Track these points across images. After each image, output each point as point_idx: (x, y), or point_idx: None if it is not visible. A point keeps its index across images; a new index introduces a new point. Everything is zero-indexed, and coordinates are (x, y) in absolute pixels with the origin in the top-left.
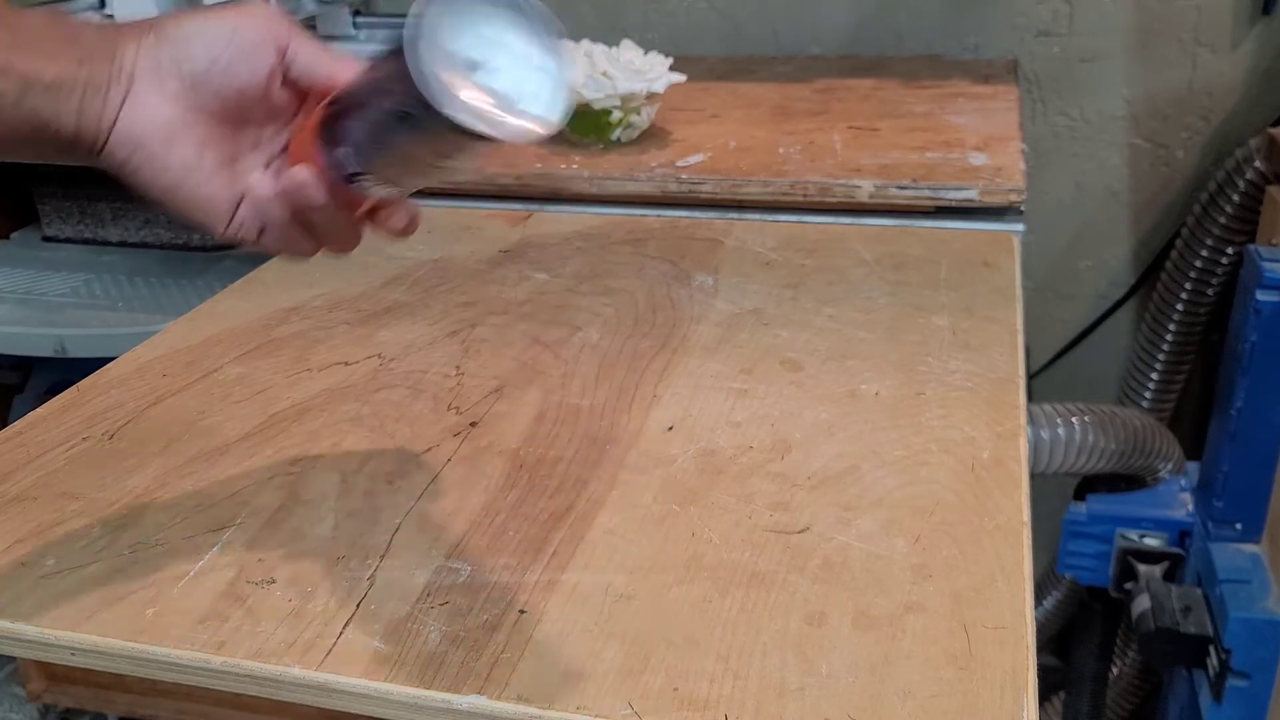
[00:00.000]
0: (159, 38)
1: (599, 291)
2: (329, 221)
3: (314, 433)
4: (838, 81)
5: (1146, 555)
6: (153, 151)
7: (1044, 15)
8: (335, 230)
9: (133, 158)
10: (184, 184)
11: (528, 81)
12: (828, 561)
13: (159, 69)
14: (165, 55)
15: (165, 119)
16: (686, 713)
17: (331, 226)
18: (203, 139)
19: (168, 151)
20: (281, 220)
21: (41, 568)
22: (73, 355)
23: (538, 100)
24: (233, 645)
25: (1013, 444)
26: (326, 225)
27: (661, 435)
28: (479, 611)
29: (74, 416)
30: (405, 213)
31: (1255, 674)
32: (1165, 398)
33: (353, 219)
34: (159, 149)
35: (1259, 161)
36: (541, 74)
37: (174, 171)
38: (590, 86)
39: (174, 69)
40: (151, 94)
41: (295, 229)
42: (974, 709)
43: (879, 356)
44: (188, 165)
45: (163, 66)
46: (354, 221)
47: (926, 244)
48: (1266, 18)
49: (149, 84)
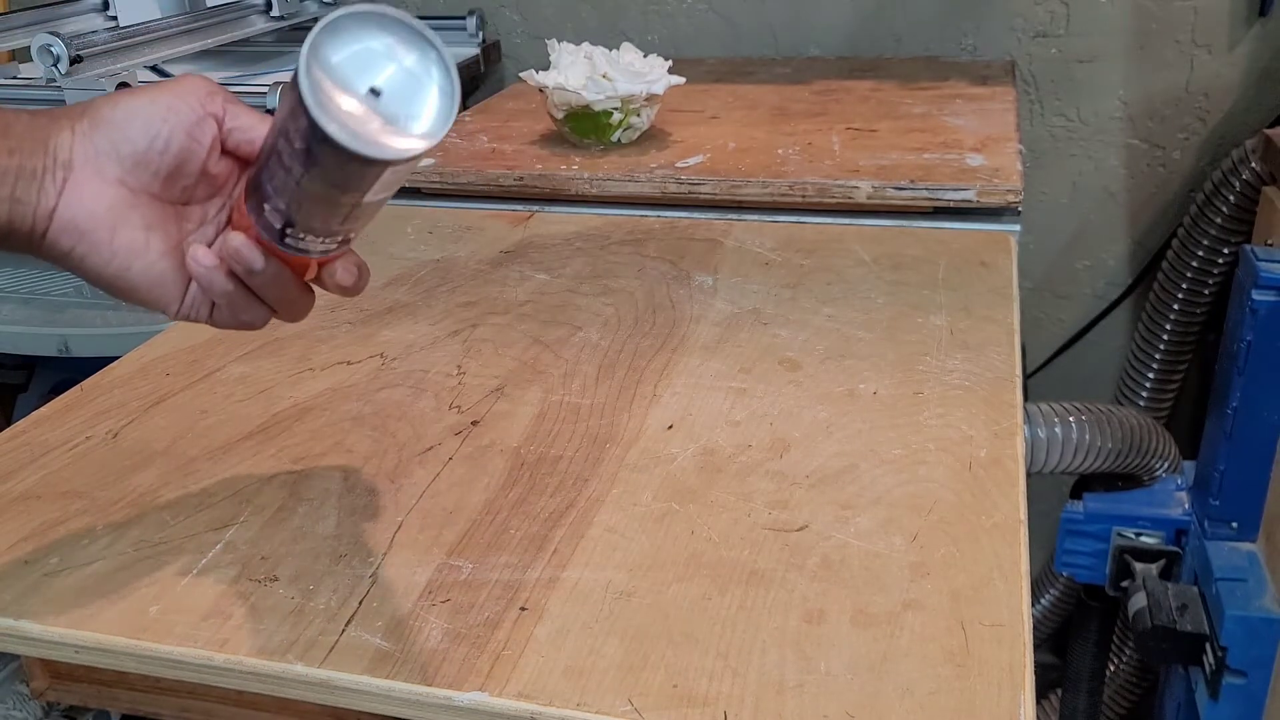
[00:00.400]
0: (94, 122)
1: (599, 291)
2: (273, 286)
3: (316, 432)
4: (836, 83)
5: (1143, 553)
6: (97, 239)
7: (1041, 17)
8: (282, 295)
9: (77, 246)
10: (132, 268)
11: (415, 100)
12: (826, 559)
13: (97, 154)
14: (102, 140)
15: (108, 204)
16: (686, 709)
17: (277, 291)
18: (147, 221)
19: (113, 238)
20: (225, 291)
21: (45, 566)
22: (76, 355)
23: (425, 117)
24: (235, 643)
25: (1010, 443)
26: (272, 290)
27: (661, 434)
28: (480, 609)
29: (77, 416)
30: (349, 267)
31: (1251, 671)
32: (1162, 397)
33: (299, 282)
34: (104, 235)
35: (1255, 162)
36: (428, 90)
37: (121, 257)
38: (590, 88)
39: (112, 153)
40: (91, 180)
41: (242, 298)
42: (972, 706)
43: (877, 356)
44: (134, 249)
45: (100, 151)
46: (300, 284)
47: (924, 244)
48: (1263, 19)
49: (88, 171)
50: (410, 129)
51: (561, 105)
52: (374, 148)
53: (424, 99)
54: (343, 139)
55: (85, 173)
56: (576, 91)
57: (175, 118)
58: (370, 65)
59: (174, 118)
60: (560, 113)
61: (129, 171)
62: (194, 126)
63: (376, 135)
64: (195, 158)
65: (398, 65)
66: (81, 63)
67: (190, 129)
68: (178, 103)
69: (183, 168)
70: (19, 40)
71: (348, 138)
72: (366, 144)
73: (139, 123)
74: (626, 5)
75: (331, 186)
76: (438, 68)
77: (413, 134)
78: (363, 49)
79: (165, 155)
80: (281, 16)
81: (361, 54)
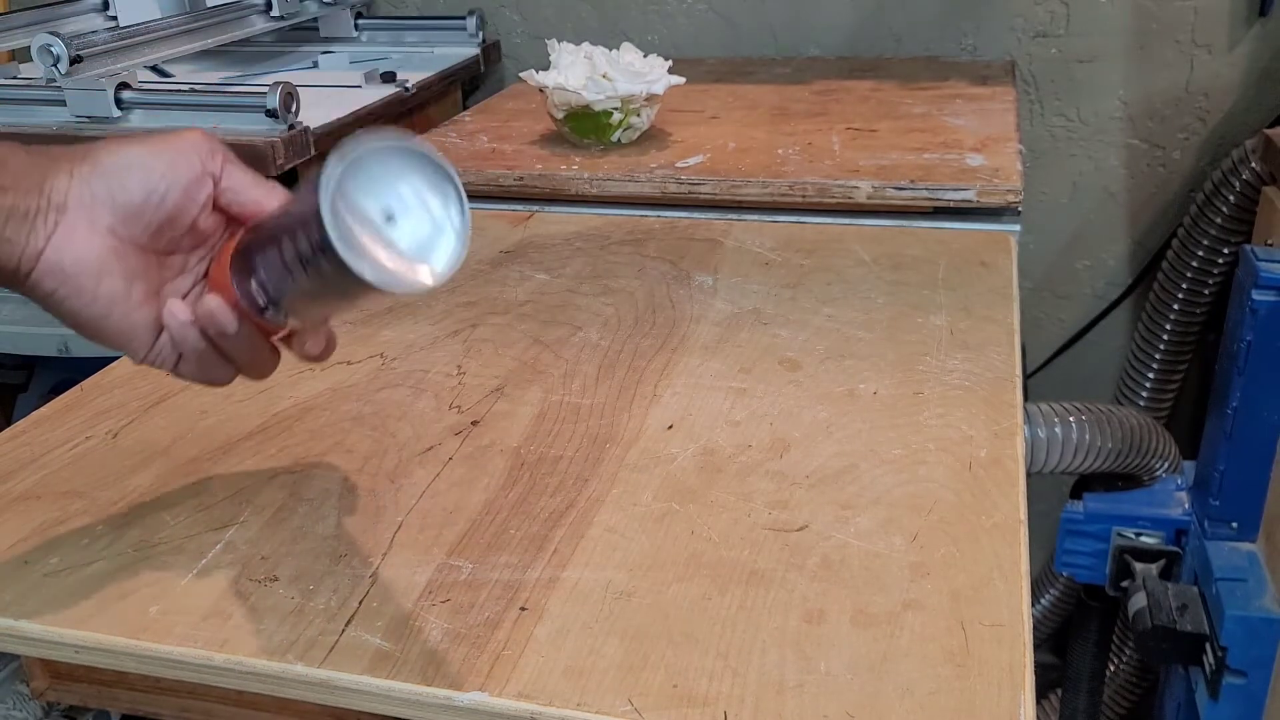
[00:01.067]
0: (93, 169)
1: (599, 291)
2: (243, 348)
3: (316, 432)
4: (836, 83)
5: (1143, 553)
6: (81, 285)
7: (1041, 17)
8: (250, 356)
9: (59, 290)
10: (110, 315)
11: (429, 235)
12: (826, 559)
13: (93, 201)
14: (100, 187)
15: (96, 253)
16: (686, 709)
17: (246, 353)
18: (132, 270)
19: (97, 285)
20: (195, 347)
21: (45, 566)
22: (76, 355)
23: (436, 253)
24: (235, 643)
25: (1010, 443)
26: (240, 352)
27: (661, 434)
28: (480, 609)
29: (77, 416)
30: (320, 339)
31: (1251, 672)
32: (1162, 397)
33: (267, 344)
34: (88, 283)
35: (1255, 162)
36: (441, 227)
37: (101, 304)
38: (590, 88)
39: (108, 201)
40: (82, 227)
41: (211, 357)
42: (971, 706)
43: (877, 356)
44: (115, 297)
45: (97, 199)
46: (269, 347)
47: (924, 244)
48: (1263, 19)
49: (80, 216)
50: (420, 264)
51: (561, 105)
52: (387, 278)
53: (439, 238)
54: (357, 267)
55: (78, 218)
56: (576, 91)
57: (175, 174)
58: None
59: (173, 174)
60: (560, 113)
61: (121, 221)
62: (192, 184)
63: (389, 263)
64: (187, 214)
65: (419, 206)
66: (81, 63)
67: (188, 186)
68: (179, 159)
69: (174, 222)
70: (19, 40)
71: (362, 266)
72: (379, 273)
73: (138, 175)
74: (626, 5)
75: (330, 293)
76: (455, 209)
77: (421, 271)
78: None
79: (160, 210)
80: (281, 16)
81: (386, 192)
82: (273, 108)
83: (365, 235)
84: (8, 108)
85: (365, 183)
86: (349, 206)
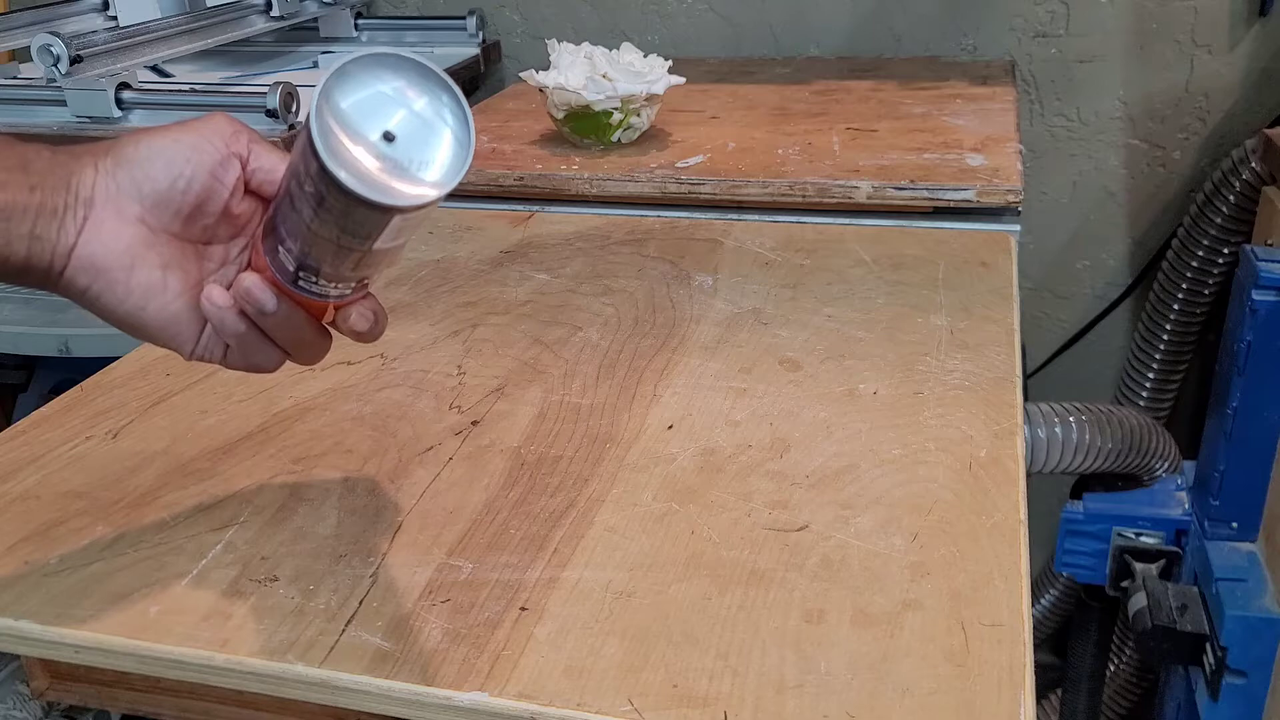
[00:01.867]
0: (117, 161)
1: (599, 291)
2: (287, 328)
3: (316, 432)
4: (836, 83)
5: (1143, 553)
6: (114, 278)
7: (1041, 17)
8: (296, 337)
9: (94, 285)
10: (148, 308)
11: (427, 146)
12: (826, 559)
13: (119, 193)
14: (124, 178)
15: (126, 244)
16: (686, 709)
17: (291, 334)
18: (165, 261)
19: (130, 277)
20: (237, 332)
21: (45, 566)
22: (76, 355)
23: (438, 165)
24: (236, 643)
25: (1010, 443)
26: (285, 333)
27: (661, 434)
28: (480, 609)
29: (77, 416)
30: (366, 312)
31: (1252, 672)
32: (1162, 397)
33: (314, 324)
34: (120, 275)
35: (1255, 162)
36: (442, 136)
37: (137, 296)
38: (590, 88)
39: (134, 191)
40: (110, 219)
41: (254, 340)
42: (971, 706)
43: (877, 356)
44: (151, 289)
45: (123, 190)
46: (316, 327)
47: (924, 244)
48: (1263, 19)
49: (108, 209)
50: (421, 176)
51: (561, 105)
52: (383, 194)
53: (437, 146)
54: (351, 185)
55: (106, 211)
56: (576, 91)
57: (199, 157)
58: (383, 110)
59: (197, 157)
60: (560, 113)
61: (149, 210)
62: (217, 167)
63: (386, 181)
64: (218, 198)
65: (409, 110)
66: (81, 63)
67: (214, 169)
68: (202, 142)
69: (204, 207)
70: (19, 40)
71: (356, 184)
72: (375, 190)
73: (161, 162)
74: (626, 5)
75: (342, 232)
76: (452, 113)
77: (423, 182)
78: (375, 93)
79: (187, 195)
80: (281, 16)
81: (374, 98)
82: (273, 108)
83: (362, 155)
84: (8, 108)
85: (352, 97)
86: (339, 124)
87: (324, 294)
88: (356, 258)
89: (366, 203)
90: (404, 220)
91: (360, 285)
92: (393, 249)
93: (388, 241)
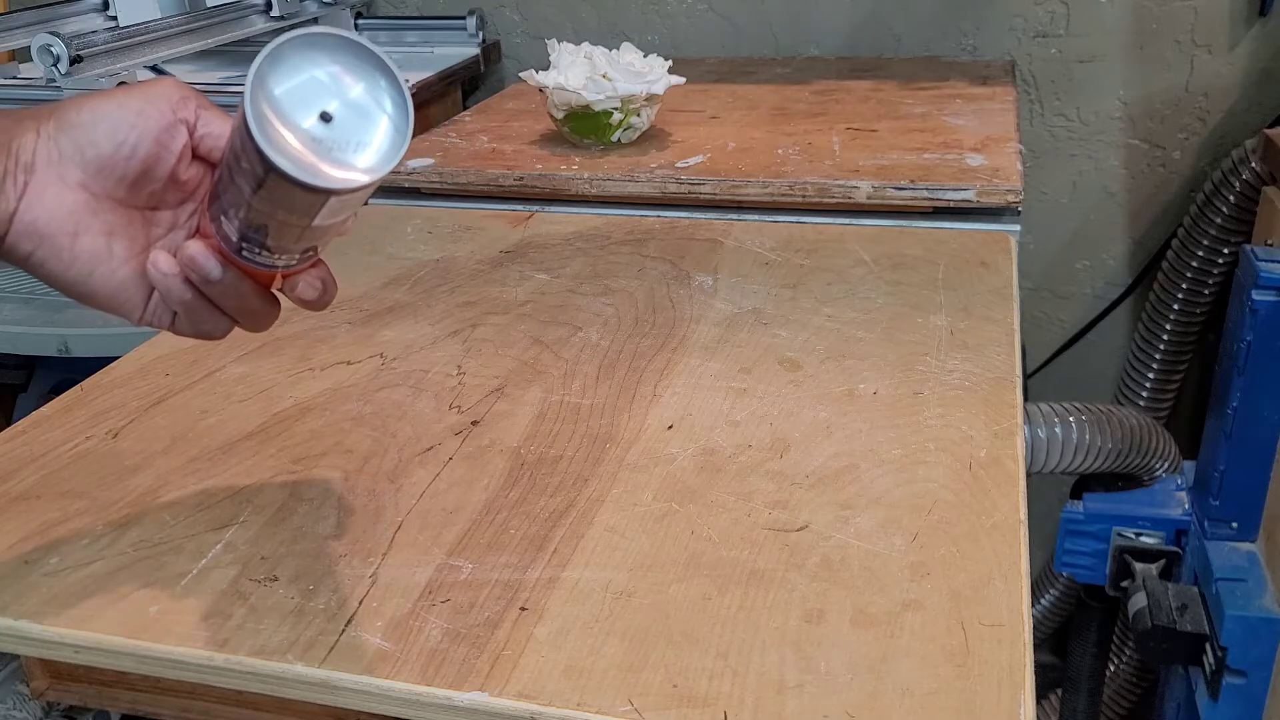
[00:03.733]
0: (59, 125)
1: (599, 291)
2: (234, 296)
3: (316, 431)
4: (836, 83)
5: (1143, 553)
6: (58, 244)
7: (1041, 17)
8: (242, 305)
9: (37, 251)
10: (94, 274)
11: (363, 130)
12: (826, 559)
13: (60, 158)
14: (67, 143)
15: (69, 210)
16: (686, 709)
17: (238, 301)
18: (110, 227)
19: (74, 243)
20: (184, 299)
21: (45, 566)
22: (76, 355)
23: (373, 148)
24: (235, 643)
25: (1010, 443)
26: (232, 301)
27: (661, 434)
28: (480, 609)
29: (77, 416)
30: (315, 281)
31: (1251, 672)
32: (1162, 397)
33: (261, 292)
34: (64, 241)
35: (1255, 162)
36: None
37: (82, 262)
38: (590, 88)
39: (76, 157)
40: (52, 185)
41: (200, 307)
42: (971, 706)
43: (877, 356)
44: (96, 256)
45: (64, 155)
46: (264, 295)
47: (924, 244)
48: (1263, 19)
49: (49, 175)
50: (355, 160)
51: (561, 105)
52: (316, 177)
53: (373, 130)
54: (284, 167)
55: (47, 176)
56: (576, 91)
57: (144, 123)
58: (319, 93)
59: (142, 123)
60: (560, 113)
61: (92, 176)
62: (163, 132)
63: (319, 165)
64: (163, 164)
65: (343, 95)
66: (81, 63)
67: (159, 135)
68: (148, 107)
69: (150, 173)
70: (19, 40)
71: (290, 167)
72: (308, 174)
73: (105, 127)
74: (626, 5)
75: (279, 208)
76: (389, 97)
77: (356, 166)
78: (309, 78)
79: (131, 161)
80: (281, 16)
81: (309, 83)
82: None
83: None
84: (8, 108)
85: (286, 82)
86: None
87: (270, 264)
88: (297, 233)
89: (301, 185)
90: (340, 202)
91: (305, 255)
92: (335, 224)
93: (327, 219)
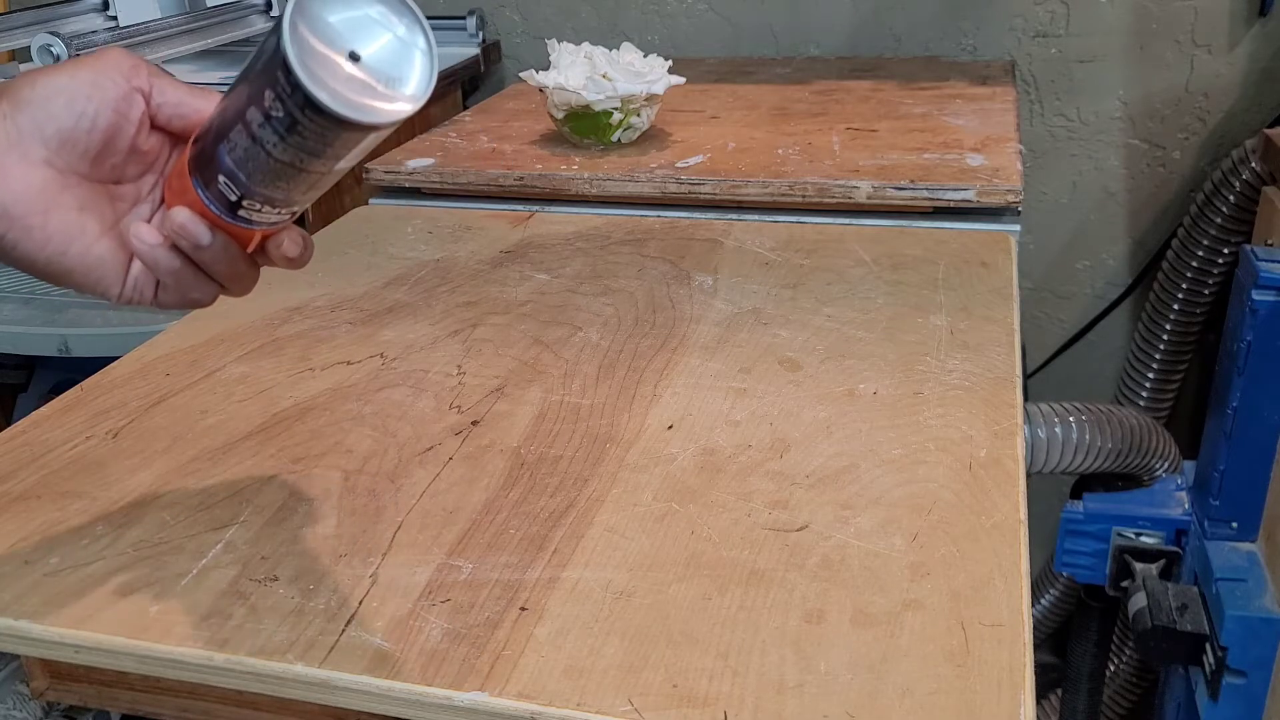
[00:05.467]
0: (15, 104)
1: (599, 291)
2: (221, 260)
3: (316, 431)
4: (836, 83)
5: (1143, 553)
6: (30, 224)
7: (1041, 17)
8: (230, 269)
9: (9, 233)
10: (69, 253)
11: (399, 63)
12: (826, 559)
13: (20, 136)
14: (25, 121)
15: (38, 189)
16: (686, 709)
17: (225, 266)
18: (80, 202)
19: (46, 222)
20: (173, 268)
21: (45, 566)
22: (76, 355)
23: (411, 80)
24: (235, 643)
25: (1010, 443)
26: (220, 265)
27: (661, 434)
28: (480, 609)
29: (77, 416)
30: (297, 238)
31: (1251, 672)
32: (1162, 397)
33: (244, 255)
34: (36, 220)
35: (1255, 162)
36: (409, 51)
37: (56, 241)
38: (590, 88)
39: (36, 133)
40: (16, 164)
41: (189, 275)
42: (971, 706)
43: (877, 356)
44: (70, 233)
45: (24, 133)
46: (247, 258)
47: (924, 244)
48: (1263, 19)
49: (12, 155)
50: (396, 92)
51: (561, 105)
52: (364, 112)
53: (408, 62)
54: (333, 105)
55: (10, 156)
56: (576, 91)
57: (100, 94)
58: (352, 29)
59: (99, 94)
60: (560, 113)
61: (55, 152)
62: (120, 102)
63: (364, 99)
64: (124, 134)
65: (380, 29)
66: None
67: (117, 104)
68: (101, 79)
69: (111, 145)
70: (19, 40)
71: (337, 104)
72: (356, 109)
73: (62, 100)
74: (626, 5)
75: (308, 155)
76: (419, 32)
77: (399, 97)
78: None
79: (93, 133)
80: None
81: (346, 19)
82: None
83: (336, 74)
84: None
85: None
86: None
87: (260, 223)
88: (312, 180)
89: (348, 123)
90: (374, 138)
91: (293, 213)
92: (343, 170)
93: (347, 161)
